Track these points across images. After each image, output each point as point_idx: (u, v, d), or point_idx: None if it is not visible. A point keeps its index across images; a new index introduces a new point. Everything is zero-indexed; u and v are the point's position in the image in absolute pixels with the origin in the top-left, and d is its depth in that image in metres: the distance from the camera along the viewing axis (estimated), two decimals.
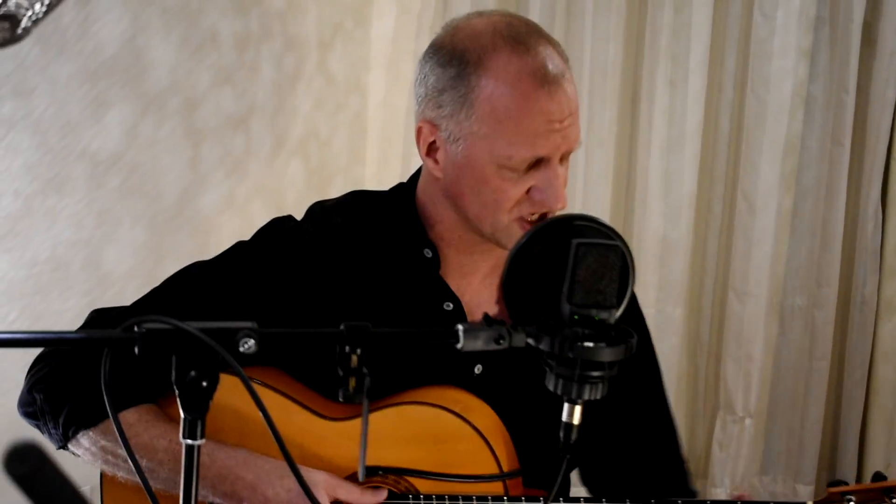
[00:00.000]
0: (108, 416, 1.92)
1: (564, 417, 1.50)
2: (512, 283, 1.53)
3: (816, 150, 4.02)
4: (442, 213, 2.01)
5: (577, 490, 2.21)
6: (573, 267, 1.43)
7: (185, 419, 1.32)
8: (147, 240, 3.04)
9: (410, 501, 1.94)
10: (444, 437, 1.95)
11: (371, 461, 1.93)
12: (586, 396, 1.46)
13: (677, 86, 4.01)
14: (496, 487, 1.96)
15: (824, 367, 4.12)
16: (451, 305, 2.02)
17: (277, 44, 3.55)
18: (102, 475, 2.01)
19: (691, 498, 2.19)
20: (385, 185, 2.17)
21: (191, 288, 2.03)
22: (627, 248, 1.48)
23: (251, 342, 1.32)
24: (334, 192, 3.84)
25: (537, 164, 1.87)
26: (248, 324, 1.33)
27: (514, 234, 1.90)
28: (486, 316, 1.96)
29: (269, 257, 2.02)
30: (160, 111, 3.03)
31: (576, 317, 1.43)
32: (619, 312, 1.46)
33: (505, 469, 1.95)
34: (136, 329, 1.29)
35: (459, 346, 1.42)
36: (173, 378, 1.31)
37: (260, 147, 3.50)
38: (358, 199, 2.12)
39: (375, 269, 2.03)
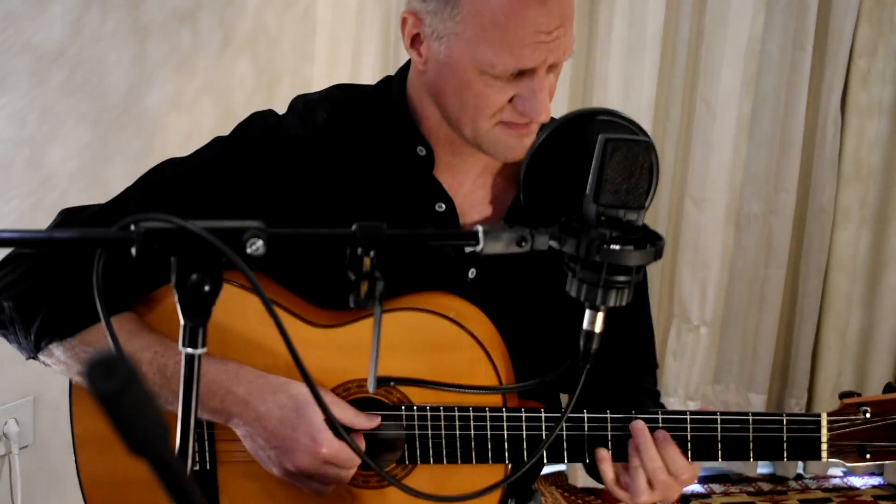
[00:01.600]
0: (84, 326, 1.82)
1: (586, 325, 1.41)
2: (531, 181, 1.44)
3: (777, 54, 3.93)
4: (428, 109, 1.91)
5: None
6: (600, 164, 1.34)
7: (185, 325, 1.20)
8: (91, 139, 2.91)
9: (403, 412, 1.84)
10: (442, 345, 1.85)
11: (365, 370, 1.83)
12: (611, 303, 1.38)
13: None
14: (494, 397, 1.87)
15: (780, 276, 4.08)
16: (444, 206, 1.91)
17: None
18: (72, 384, 1.90)
19: (656, 398, 2.15)
20: (334, 83, 2.06)
21: (170, 188, 1.91)
22: (653, 144, 1.39)
23: (259, 243, 1.21)
24: (282, 93, 3.71)
25: (521, 73, 1.77)
26: (255, 223, 1.23)
27: (496, 140, 1.82)
28: (506, 218, 1.88)
29: (254, 155, 1.90)
30: (105, 4, 2.88)
31: (603, 217, 1.34)
32: (645, 214, 1.38)
33: (503, 379, 1.86)
34: (133, 228, 1.17)
35: (479, 248, 1.32)
36: (173, 281, 1.19)
37: (208, 43, 3.35)
38: (345, 94, 2.00)
39: (366, 168, 1.93)
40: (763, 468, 4.41)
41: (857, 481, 4.35)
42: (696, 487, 4.26)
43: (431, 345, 1.85)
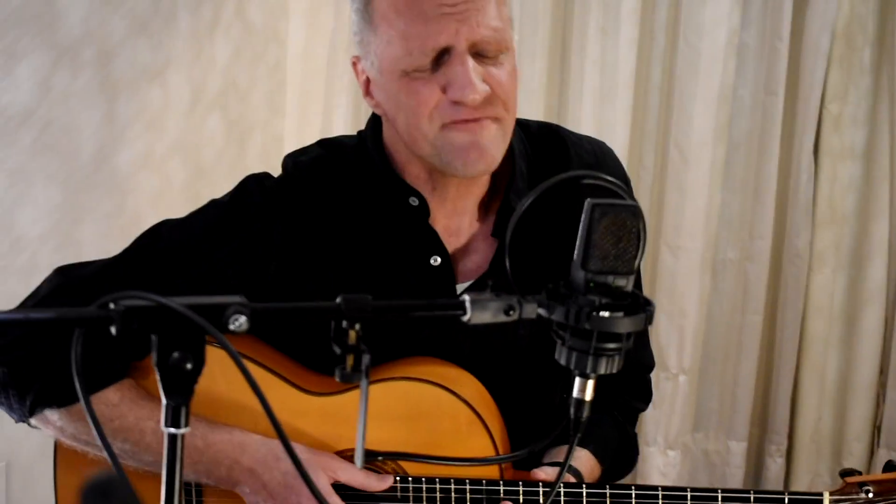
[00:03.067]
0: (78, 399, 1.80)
1: (576, 393, 1.38)
2: (516, 248, 1.41)
3: (749, 99, 3.93)
4: (406, 153, 1.91)
5: None
6: (588, 230, 1.31)
7: (167, 405, 1.16)
8: (62, 200, 2.89)
9: (412, 484, 1.82)
10: (435, 413, 1.83)
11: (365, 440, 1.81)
12: (602, 370, 1.34)
13: (609, 34, 3.89)
14: (492, 468, 1.86)
15: (757, 322, 4.05)
16: (439, 260, 1.90)
17: None
18: (57, 449, 1.88)
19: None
20: (305, 140, 2.09)
21: (164, 253, 1.88)
22: (640, 208, 1.36)
23: (242, 319, 1.18)
24: (254, 148, 3.69)
25: (443, 57, 1.75)
26: (238, 298, 1.19)
27: (448, 146, 1.79)
28: (492, 285, 1.85)
29: (252, 217, 1.90)
30: (73, 63, 2.86)
31: (591, 284, 1.31)
32: (633, 279, 1.35)
33: (498, 442, 1.84)
34: (112, 306, 1.14)
35: (467, 318, 1.29)
36: (154, 361, 1.15)
37: (177, 100, 3.33)
38: (332, 152, 1.98)
39: (362, 224, 1.92)
40: None
41: None
42: None
43: (424, 413, 1.83)
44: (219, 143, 3.55)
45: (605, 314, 1.30)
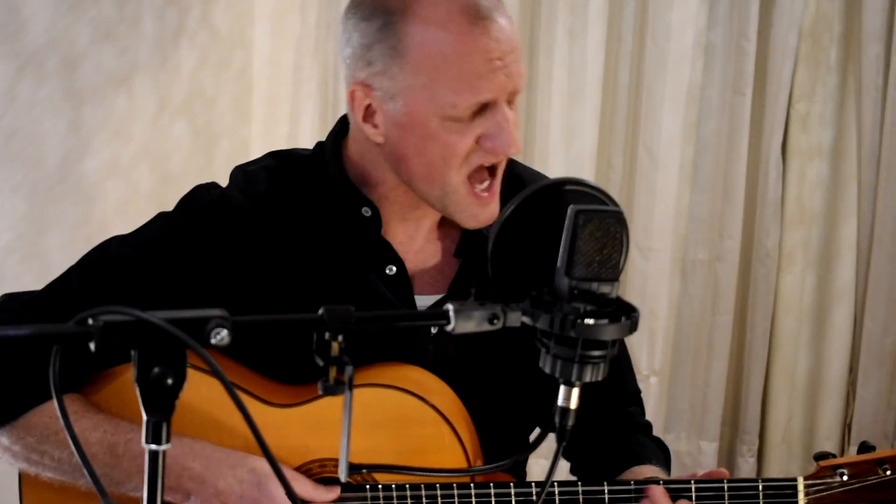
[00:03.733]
0: (26, 410, 1.77)
1: (560, 402, 1.36)
2: (499, 255, 1.40)
3: (717, 99, 3.93)
4: (384, 175, 1.87)
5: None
6: (572, 237, 1.29)
7: (147, 421, 1.14)
8: (28, 210, 2.85)
9: (368, 493, 1.79)
10: (405, 420, 1.81)
11: (331, 450, 1.78)
12: (587, 378, 1.33)
13: (576, 36, 3.88)
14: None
15: (727, 322, 4.05)
16: (395, 269, 1.88)
17: None
18: (21, 477, 1.83)
19: (645, 430, 2.13)
20: (272, 147, 2.05)
21: (112, 267, 1.85)
22: (623, 214, 1.35)
23: (224, 332, 1.17)
24: (221, 155, 3.66)
25: (483, 109, 1.74)
26: (218, 311, 1.18)
27: (463, 202, 1.80)
28: (476, 293, 1.83)
29: (200, 227, 1.86)
30: (38, 71, 2.83)
31: (576, 291, 1.29)
32: (618, 285, 1.34)
33: (469, 450, 1.81)
34: (91, 322, 1.11)
35: (451, 327, 1.28)
36: (135, 376, 1.13)
37: (143, 107, 3.29)
38: (282, 162, 1.96)
39: (313, 234, 1.89)
40: None
41: None
42: None
43: (394, 420, 1.81)
44: (186, 150, 3.51)
45: (590, 321, 1.29)
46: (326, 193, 1.90)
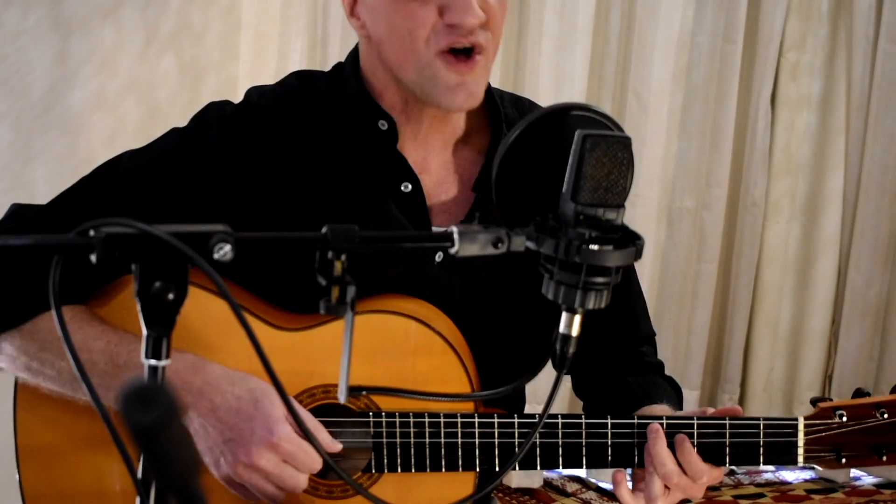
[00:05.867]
0: (31, 317, 1.75)
1: (562, 329, 1.35)
2: (504, 179, 1.38)
3: (707, 46, 3.91)
4: (384, 79, 1.86)
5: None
6: (578, 162, 1.28)
7: (148, 336, 1.12)
8: (13, 139, 2.82)
9: (371, 419, 1.77)
10: (411, 349, 1.78)
11: (334, 377, 1.75)
12: (590, 305, 1.31)
13: None
14: (465, 403, 1.82)
15: (712, 271, 4.06)
16: (410, 186, 1.86)
17: None
18: (17, 388, 1.81)
19: (661, 370, 2.11)
20: (259, 82, 2.01)
21: (123, 178, 1.83)
22: (629, 139, 1.34)
23: (227, 248, 1.14)
24: (207, 90, 3.62)
25: None
26: (222, 227, 1.15)
27: (437, 78, 1.76)
28: (481, 216, 1.81)
29: (213, 140, 1.84)
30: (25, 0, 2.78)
31: (581, 217, 1.28)
32: (624, 212, 1.33)
33: (473, 383, 1.80)
34: (93, 233, 1.09)
35: (455, 250, 1.26)
36: (136, 290, 1.11)
37: (131, 40, 3.25)
38: (302, 81, 1.94)
39: (328, 149, 1.87)
40: None
41: (790, 475, 4.35)
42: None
43: (400, 349, 1.78)
44: (173, 84, 3.47)
45: (595, 247, 1.28)
46: (343, 110, 1.90)
